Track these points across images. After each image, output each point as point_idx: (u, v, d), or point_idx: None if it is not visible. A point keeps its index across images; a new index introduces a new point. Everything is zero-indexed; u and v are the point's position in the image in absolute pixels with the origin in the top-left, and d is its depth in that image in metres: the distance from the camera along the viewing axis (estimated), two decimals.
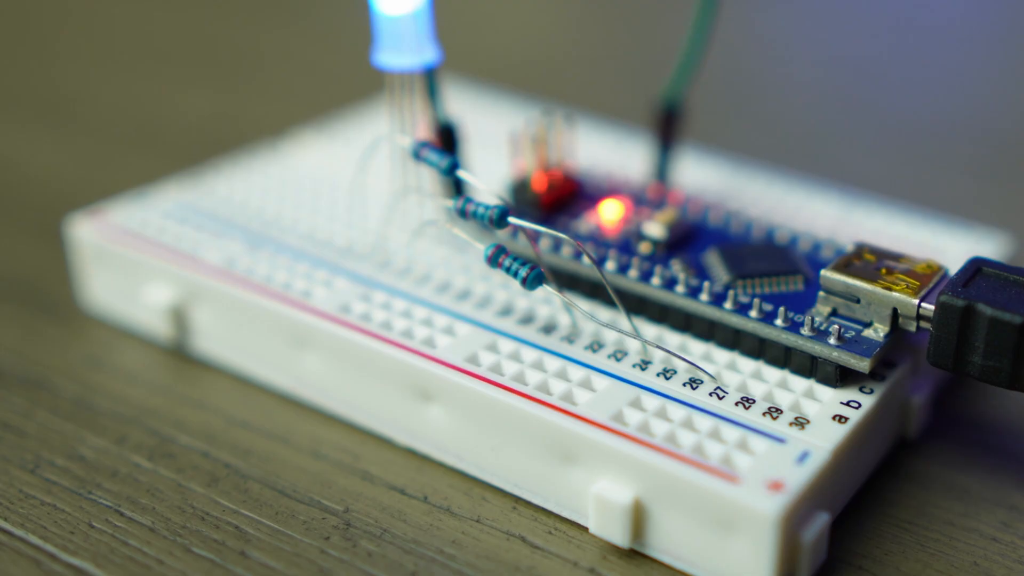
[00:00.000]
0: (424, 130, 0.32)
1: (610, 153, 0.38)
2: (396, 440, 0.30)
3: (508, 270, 0.28)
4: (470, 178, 0.30)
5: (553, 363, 0.28)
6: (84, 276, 0.34)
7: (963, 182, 0.43)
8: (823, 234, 0.33)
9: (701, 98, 0.41)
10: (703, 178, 0.37)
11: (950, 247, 0.33)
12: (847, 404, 0.27)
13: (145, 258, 0.33)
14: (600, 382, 0.27)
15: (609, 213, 0.33)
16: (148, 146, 0.46)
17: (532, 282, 0.28)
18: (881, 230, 0.34)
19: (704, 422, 0.26)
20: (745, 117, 0.49)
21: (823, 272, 0.28)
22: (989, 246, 0.33)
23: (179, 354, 0.33)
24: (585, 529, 0.27)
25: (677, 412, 0.26)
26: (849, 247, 0.29)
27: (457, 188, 0.33)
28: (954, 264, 0.30)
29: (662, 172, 0.35)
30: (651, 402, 0.27)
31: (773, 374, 0.28)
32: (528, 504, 0.28)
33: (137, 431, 0.30)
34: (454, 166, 0.30)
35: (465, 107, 0.41)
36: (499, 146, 0.37)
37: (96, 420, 0.30)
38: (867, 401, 0.27)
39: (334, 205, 0.35)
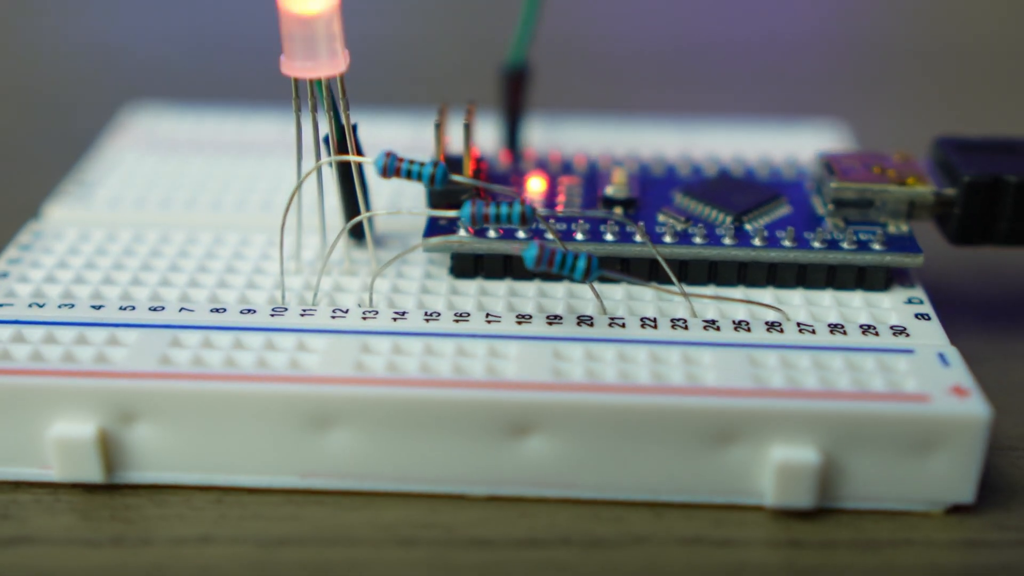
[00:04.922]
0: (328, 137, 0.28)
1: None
2: (472, 493, 0.26)
3: (563, 267, 0.25)
4: (463, 180, 0.26)
5: (637, 352, 0.26)
6: None
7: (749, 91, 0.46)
8: (701, 159, 0.33)
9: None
10: (544, 138, 0.36)
11: (806, 143, 0.34)
12: (910, 303, 0.27)
13: (51, 384, 0.25)
14: (701, 355, 0.26)
15: (537, 187, 0.31)
16: None
17: (595, 272, 0.25)
18: (736, 143, 0.35)
19: (830, 359, 0.26)
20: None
21: (833, 185, 0.28)
22: (833, 135, 0.35)
23: (109, 491, 0.26)
24: (744, 508, 0.25)
25: (800, 359, 0.26)
26: (818, 161, 0.30)
27: (352, 201, 0.29)
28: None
29: (514, 139, 0.33)
30: (768, 357, 0.26)
31: (822, 297, 0.28)
32: (668, 505, 0.25)
33: None
34: (446, 172, 0.26)
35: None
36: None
37: None
38: (922, 294, 0.28)
39: (206, 268, 0.29)
